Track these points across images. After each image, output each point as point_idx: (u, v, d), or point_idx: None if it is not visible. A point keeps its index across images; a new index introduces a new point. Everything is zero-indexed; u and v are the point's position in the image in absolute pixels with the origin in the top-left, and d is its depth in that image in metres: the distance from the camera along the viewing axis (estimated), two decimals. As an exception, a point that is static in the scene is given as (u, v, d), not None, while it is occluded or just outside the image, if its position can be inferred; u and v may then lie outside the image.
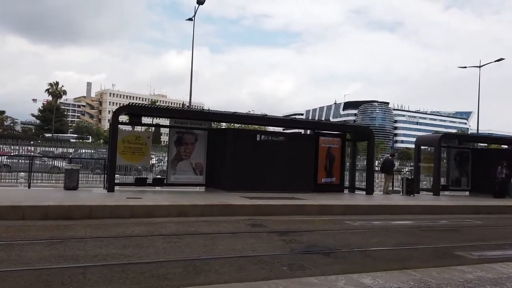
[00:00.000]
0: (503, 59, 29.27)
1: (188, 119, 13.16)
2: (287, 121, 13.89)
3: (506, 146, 22.13)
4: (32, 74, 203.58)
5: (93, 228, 7.39)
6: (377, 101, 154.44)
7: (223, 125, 19.94)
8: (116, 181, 15.46)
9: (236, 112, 12.89)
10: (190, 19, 23.54)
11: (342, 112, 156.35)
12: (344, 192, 15.72)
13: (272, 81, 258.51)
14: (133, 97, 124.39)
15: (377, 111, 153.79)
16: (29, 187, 13.13)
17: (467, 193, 18.66)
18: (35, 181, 15.13)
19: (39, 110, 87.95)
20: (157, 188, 13.51)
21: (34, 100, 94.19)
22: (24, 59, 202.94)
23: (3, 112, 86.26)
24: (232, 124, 15.58)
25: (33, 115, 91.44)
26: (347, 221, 9.83)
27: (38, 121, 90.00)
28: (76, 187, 11.70)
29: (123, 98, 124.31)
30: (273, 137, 14.04)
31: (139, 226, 7.75)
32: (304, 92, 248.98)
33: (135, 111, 12.18)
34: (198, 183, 13.66)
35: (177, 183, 13.32)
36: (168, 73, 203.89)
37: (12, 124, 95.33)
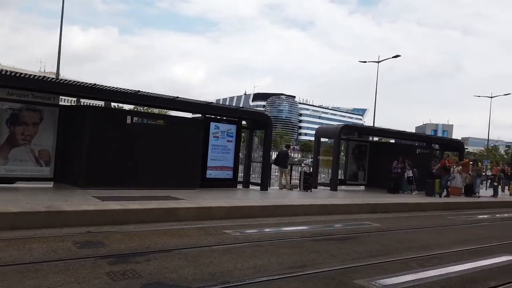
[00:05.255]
0: (399, 55, 30.63)
1: (29, 91, 9.69)
2: (168, 100, 11.18)
3: (393, 140, 22.42)
4: None
5: None
6: (284, 94, 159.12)
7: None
8: None
9: (95, 84, 9.76)
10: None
11: (251, 103, 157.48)
12: (238, 187, 13.69)
13: (185, 68, 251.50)
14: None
15: (284, 104, 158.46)
16: None
17: (363, 187, 18.16)
18: None
19: None
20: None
21: None
22: None
23: None
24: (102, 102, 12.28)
25: None
26: (228, 229, 7.66)
27: None
28: None
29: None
30: (150, 120, 11.26)
31: None
32: (217, 82, 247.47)
33: None
34: (43, 176, 10.28)
35: (10, 177, 9.79)
36: (69, 52, 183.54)
37: None
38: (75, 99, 12.45)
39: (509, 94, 42.23)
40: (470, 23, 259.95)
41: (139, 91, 10.55)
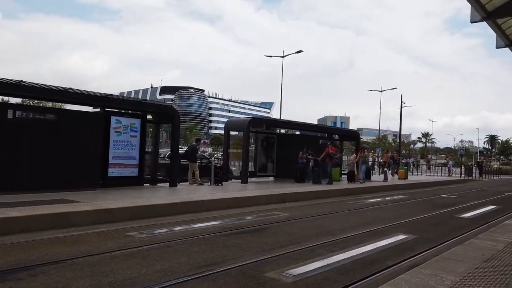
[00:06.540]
0: (301, 51, 32.16)
1: None
2: (58, 92, 9.94)
3: (298, 132, 23.58)
4: None
5: None
6: (193, 88, 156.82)
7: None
8: None
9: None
10: None
11: (159, 97, 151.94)
12: (144, 185, 12.92)
13: (82, 59, 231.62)
14: None
15: (193, 98, 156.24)
16: None
17: (272, 178, 18.65)
18: None
19: None
20: None
21: None
22: None
23: None
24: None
25: None
26: (133, 231, 7.09)
27: None
28: None
29: None
30: (38, 115, 9.93)
31: None
32: (120, 74, 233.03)
33: None
34: None
35: None
36: None
37: None
38: None
39: (396, 88, 47.60)
40: (360, 24, 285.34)
41: (21, 81, 9.19)
